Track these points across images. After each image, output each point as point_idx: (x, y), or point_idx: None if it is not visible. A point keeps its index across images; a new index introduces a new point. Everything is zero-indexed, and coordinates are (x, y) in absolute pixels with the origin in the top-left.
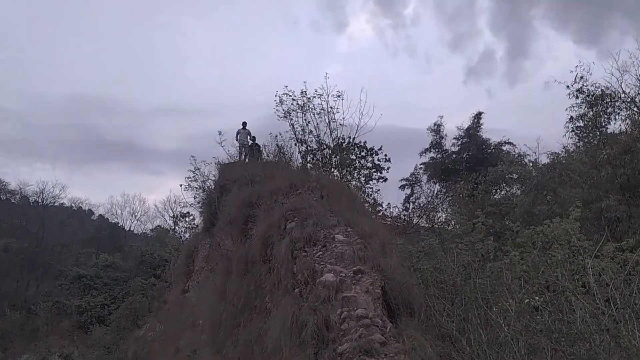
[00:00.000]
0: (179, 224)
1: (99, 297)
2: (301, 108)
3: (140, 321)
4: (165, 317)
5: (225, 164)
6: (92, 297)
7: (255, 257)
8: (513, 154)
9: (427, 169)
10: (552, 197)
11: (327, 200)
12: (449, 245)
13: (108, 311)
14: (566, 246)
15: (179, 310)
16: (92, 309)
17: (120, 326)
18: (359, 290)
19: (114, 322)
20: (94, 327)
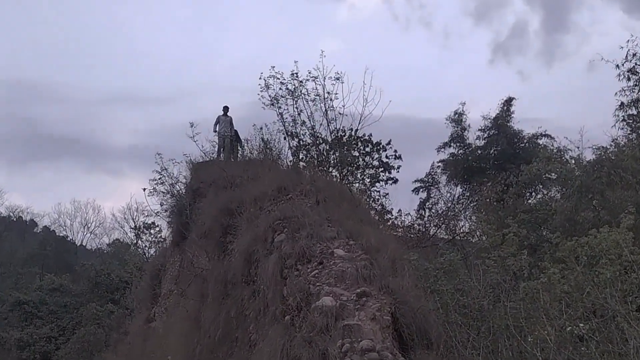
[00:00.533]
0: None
1: (44, 328)
2: (291, 94)
3: (95, 357)
4: (126, 351)
5: (199, 162)
6: (36, 329)
7: (237, 277)
8: (551, 148)
9: (446, 167)
10: (600, 202)
11: (324, 206)
12: (474, 261)
13: (55, 345)
14: (617, 261)
15: (143, 343)
16: (36, 342)
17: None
18: (364, 317)
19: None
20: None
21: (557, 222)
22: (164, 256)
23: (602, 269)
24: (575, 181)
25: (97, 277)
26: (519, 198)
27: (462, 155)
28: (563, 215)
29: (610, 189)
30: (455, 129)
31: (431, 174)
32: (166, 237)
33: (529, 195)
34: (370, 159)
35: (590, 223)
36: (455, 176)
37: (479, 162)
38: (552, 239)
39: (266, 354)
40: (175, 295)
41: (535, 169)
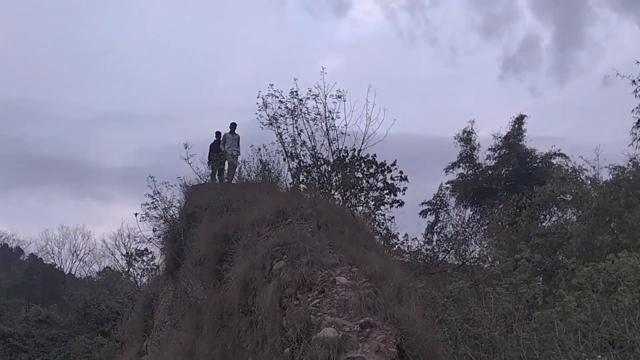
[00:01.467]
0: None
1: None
2: (291, 113)
3: None
4: None
5: (193, 186)
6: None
7: (233, 307)
8: (566, 168)
9: (455, 189)
10: (618, 224)
11: (326, 231)
12: (485, 288)
13: None
14: (636, 288)
15: None
16: None
17: None
18: (368, 349)
19: None
20: None
21: (572, 246)
22: (156, 285)
23: (620, 296)
24: (591, 203)
25: (87, 307)
26: (533, 221)
27: (471, 176)
28: (579, 239)
29: (629, 211)
30: (464, 148)
31: (439, 195)
32: (159, 264)
33: (542, 218)
34: (374, 180)
35: (608, 247)
36: (464, 198)
37: (490, 183)
38: (567, 265)
39: None
40: (168, 326)
41: (549, 190)
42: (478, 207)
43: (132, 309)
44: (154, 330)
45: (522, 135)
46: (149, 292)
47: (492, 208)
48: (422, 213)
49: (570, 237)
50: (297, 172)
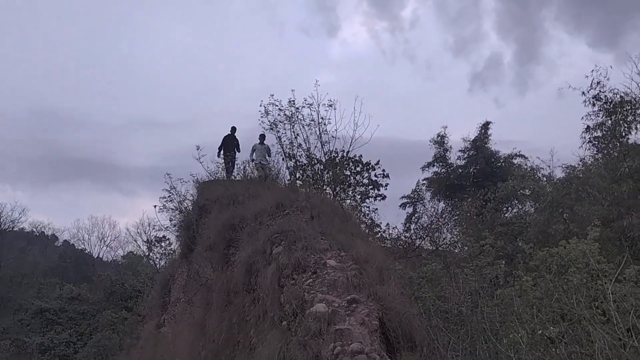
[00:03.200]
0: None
1: (63, 333)
2: (289, 119)
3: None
4: (138, 355)
5: (204, 182)
6: (56, 334)
7: (238, 286)
8: (525, 167)
9: (430, 185)
10: (569, 215)
11: (318, 221)
12: (455, 270)
13: (74, 349)
14: (584, 270)
15: (154, 347)
16: (56, 347)
17: None
18: (354, 322)
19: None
20: None
21: (530, 234)
22: (172, 267)
23: (570, 277)
24: (547, 197)
25: (112, 286)
26: (496, 212)
27: (444, 174)
28: (536, 228)
29: (579, 204)
30: (438, 150)
31: (416, 190)
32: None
33: (505, 210)
34: (360, 177)
35: (560, 235)
36: (438, 193)
37: (460, 180)
38: (525, 250)
39: (265, 357)
40: (182, 302)
41: (511, 186)
42: (450, 201)
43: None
44: (170, 306)
45: (487, 139)
46: (166, 273)
47: (461, 201)
48: (402, 205)
49: (529, 227)
50: (294, 170)
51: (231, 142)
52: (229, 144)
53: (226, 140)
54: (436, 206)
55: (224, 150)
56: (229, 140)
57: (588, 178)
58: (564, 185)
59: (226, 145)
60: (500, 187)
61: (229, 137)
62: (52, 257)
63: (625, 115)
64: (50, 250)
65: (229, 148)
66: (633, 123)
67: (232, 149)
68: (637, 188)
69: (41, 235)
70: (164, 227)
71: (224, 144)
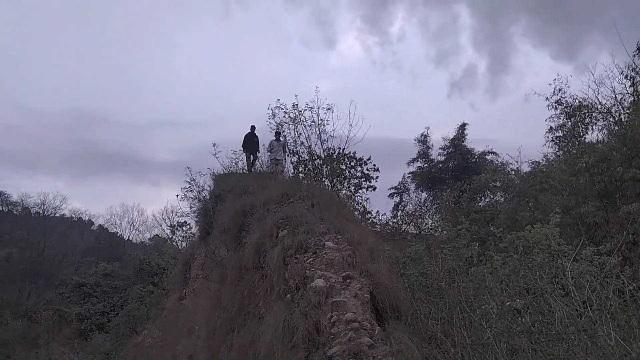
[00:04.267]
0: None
1: (98, 304)
2: (293, 120)
3: (138, 328)
4: (163, 323)
5: (220, 174)
6: (92, 305)
7: (249, 264)
8: (496, 163)
9: (414, 177)
10: (534, 204)
11: (318, 209)
12: (435, 251)
13: (107, 318)
14: (546, 250)
15: (176, 317)
16: (92, 316)
17: (120, 333)
18: (348, 295)
19: (113, 329)
20: (94, 334)
21: (500, 220)
22: (192, 248)
23: (534, 257)
24: (514, 188)
25: (141, 264)
26: (471, 201)
27: (427, 168)
28: (505, 215)
29: (542, 194)
30: (422, 148)
31: (403, 182)
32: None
33: (478, 199)
34: (354, 171)
35: (526, 221)
36: (421, 184)
37: (440, 173)
38: (496, 233)
39: (272, 325)
40: (201, 278)
41: (484, 179)
42: (431, 191)
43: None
44: (191, 281)
45: (464, 138)
46: (187, 253)
47: (441, 192)
48: (390, 195)
49: (499, 214)
50: (297, 165)
51: (252, 140)
52: (249, 141)
53: (247, 138)
54: (419, 196)
55: (245, 148)
56: (250, 137)
57: (550, 172)
58: (529, 178)
59: (247, 142)
60: (474, 180)
61: (249, 135)
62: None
63: (583, 118)
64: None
65: (250, 145)
66: (589, 124)
67: (252, 145)
68: (592, 181)
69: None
70: (185, 214)
71: (245, 142)
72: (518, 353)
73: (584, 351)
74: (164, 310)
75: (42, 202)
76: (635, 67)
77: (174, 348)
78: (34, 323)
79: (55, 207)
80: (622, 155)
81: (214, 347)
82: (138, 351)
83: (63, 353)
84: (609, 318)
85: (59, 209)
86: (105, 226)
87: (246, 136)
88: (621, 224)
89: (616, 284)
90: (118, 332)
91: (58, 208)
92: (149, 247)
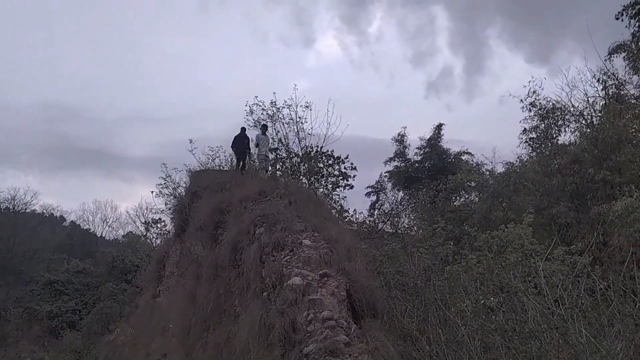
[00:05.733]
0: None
1: (70, 302)
2: (271, 118)
3: (111, 326)
4: (136, 321)
5: (196, 171)
6: (63, 303)
7: (225, 262)
8: (471, 163)
9: (391, 177)
10: (507, 204)
11: (295, 206)
12: (411, 249)
13: (79, 316)
14: (519, 250)
15: (150, 314)
16: (63, 314)
17: (92, 331)
18: (325, 293)
19: (85, 327)
20: (65, 332)
21: (475, 219)
22: (167, 245)
23: (508, 256)
24: (489, 188)
25: (114, 262)
26: (447, 201)
27: (403, 168)
28: (480, 214)
29: (516, 195)
30: (399, 147)
31: (380, 181)
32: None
33: (454, 199)
34: (332, 169)
35: (500, 220)
36: (398, 183)
37: (417, 172)
38: (471, 233)
39: (248, 323)
40: (176, 276)
41: (459, 179)
42: (408, 191)
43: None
44: (165, 279)
45: (440, 138)
46: (161, 251)
47: (417, 191)
48: (367, 194)
49: (474, 213)
50: (274, 163)
51: (242, 141)
52: (239, 143)
53: (237, 140)
54: (396, 195)
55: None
56: (239, 139)
57: (524, 173)
58: (503, 178)
59: (236, 144)
60: (450, 180)
61: (239, 136)
62: (60, 235)
63: (556, 120)
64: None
65: (240, 147)
66: (562, 127)
67: (242, 147)
68: (565, 182)
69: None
70: (159, 211)
71: (234, 143)
72: (492, 350)
73: (556, 348)
74: (138, 308)
75: (13, 197)
76: (607, 71)
77: (148, 346)
78: (3, 321)
79: (26, 203)
80: (594, 157)
81: (189, 346)
82: (110, 349)
83: (33, 351)
84: (580, 316)
85: (29, 204)
86: (77, 222)
87: (235, 137)
88: (592, 225)
89: (587, 283)
90: (90, 330)
91: (29, 203)
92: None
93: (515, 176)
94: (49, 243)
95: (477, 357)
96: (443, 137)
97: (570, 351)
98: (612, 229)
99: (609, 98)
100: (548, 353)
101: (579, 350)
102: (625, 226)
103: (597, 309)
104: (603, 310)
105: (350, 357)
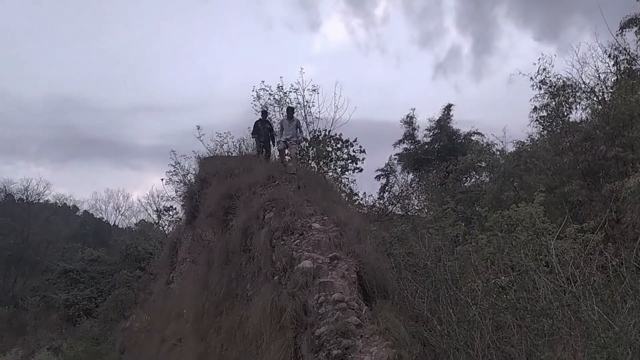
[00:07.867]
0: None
1: (85, 290)
2: (278, 102)
3: (126, 313)
4: (150, 308)
5: (205, 157)
6: (79, 291)
7: (236, 247)
8: (481, 143)
9: (401, 159)
10: (519, 184)
11: (304, 190)
12: (421, 230)
13: (95, 304)
14: (530, 229)
15: (164, 301)
16: (79, 302)
17: (107, 318)
18: (335, 275)
19: (101, 315)
20: (82, 319)
21: (486, 199)
22: (179, 232)
23: (518, 235)
24: (500, 168)
25: (127, 249)
26: (457, 182)
27: (413, 150)
28: (490, 195)
29: (527, 174)
30: (407, 129)
31: (389, 164)
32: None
33: (464, 180)
34: (340, 153)
35: (511, 200)
36: (407, 166)
37: (426, 154)
38: (481, 213)
39: (260, 307)
40: (188, 262)
41: (469, 159)
42: (417, 173)
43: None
44: (178, 265)
45: (449, 119)
46: (173, 237)
47: (427, 173)
48: (377, 177)
49: (484, 193)
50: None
51: (263, 127)
52: (261, 129)
53: (257, 125)
54: (406, 177)
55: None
56: (260, 124)
57: (535, 152)
58: (514, 158)
59: (257, 129)
60: (460, 160)
61: (259, 121)
62: (74, 225)
63: (567, 97)
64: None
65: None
66: (573, 104)
67: (264, 132)
68: (576, 160)
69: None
70: (170, 198)
71: (255, 130)
72: (503, 329)
73: (568, 326)
74: (152, 294)
75: (26, 188)
76: (619, 46)
77: (163, 332)
78: (21, 310)
79: (39, 193)
80: (606, 134)
81: (202, 330)
82: (126, 336)
83: (51, 339)
84: (592, 293)
85: (42, 195)
86: (90, 212)
87: (256, 123)
88: (604, 202)
89: (599, 261)
90: (106, 317)
91: (42, 194)
92: (135, 232)
93: (526, 155)
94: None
95: (488, 336)
96: (452, 118)
97: (583, 328)
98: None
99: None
100: (560, 330)
101: (591, 327)
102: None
103: (610, 286)
104: (615, 287)
105: (362, 338)
